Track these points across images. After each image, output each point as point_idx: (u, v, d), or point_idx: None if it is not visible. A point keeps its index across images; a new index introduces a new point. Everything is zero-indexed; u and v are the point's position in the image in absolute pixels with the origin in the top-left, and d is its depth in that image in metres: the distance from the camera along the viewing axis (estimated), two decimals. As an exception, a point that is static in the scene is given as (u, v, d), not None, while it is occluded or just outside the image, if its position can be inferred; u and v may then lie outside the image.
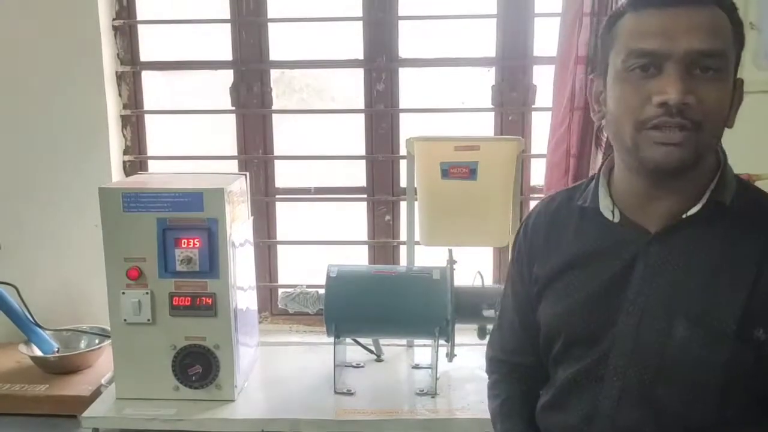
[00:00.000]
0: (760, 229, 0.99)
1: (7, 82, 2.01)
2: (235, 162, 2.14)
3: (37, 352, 1.88)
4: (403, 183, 2.01)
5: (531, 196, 2.08)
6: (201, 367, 1.63)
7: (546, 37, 1.96)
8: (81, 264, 2.04)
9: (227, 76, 2.11)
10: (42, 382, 1.79)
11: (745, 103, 1.01)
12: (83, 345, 1.95)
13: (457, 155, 1.83)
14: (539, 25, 2.01)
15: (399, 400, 1.70)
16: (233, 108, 2.12)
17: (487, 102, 2.07)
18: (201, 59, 2.13)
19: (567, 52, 1.76)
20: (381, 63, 2.05)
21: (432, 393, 1.70)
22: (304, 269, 2.18)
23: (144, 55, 2.11)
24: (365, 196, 2.14)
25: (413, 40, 2.07)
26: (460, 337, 1.73)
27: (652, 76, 0.93)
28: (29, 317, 1.89)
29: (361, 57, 2.06)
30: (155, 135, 2.18)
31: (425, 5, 2.06)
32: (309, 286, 1.84)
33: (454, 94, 2.12)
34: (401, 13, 2.03)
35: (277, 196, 2.17)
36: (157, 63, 2.14)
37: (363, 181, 2.14)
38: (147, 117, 2.15)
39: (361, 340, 1.93)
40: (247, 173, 1.85)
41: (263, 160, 2.13)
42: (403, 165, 1.97)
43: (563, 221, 1.11)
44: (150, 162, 2.17)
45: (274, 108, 2.13)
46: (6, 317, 1.86)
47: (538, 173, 2.06)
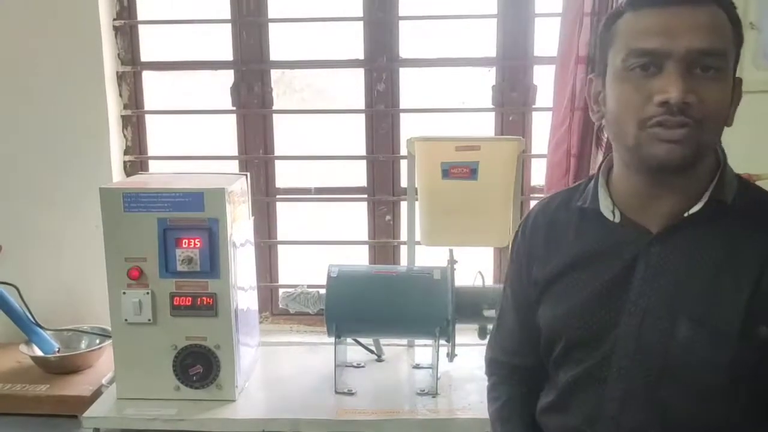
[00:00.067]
0: (762, 228, 0.99)
1: (7, 82, 2.01)
2: (236, 162, 2.14)
3: (38, 352, 1.88)
4: (404, 183, 2.01)
5: (531, 196, 2.08)
6: (202, 367, 1.64)
7: (546, 37, 1.95)
8: (82, 264, 2.03)
9: (228, 76, 2.11)
10: (43, 382, 1.79)
11: (745, 103, 1.01)
12: (84, 345, 1.95)
13: (458, 155, 1.83)
14: (540, 25, 2.01)
15: (400, 400, 1.70)
16: (234, 108, 2.12)
17: (488, 102, 2.07)
18: (201, 59, 2.13)
19: (567, 52, 1.76)
20: (381, 63, 2.05)
21: (433, 393, 1.70)
22: (304, 269, 2.18)
23: (144, 56, 2.11)
24: (366, 196, 2.14)
25: (413, 40, 2.07)
26: (460, 337, 1.73)
27: (652, 75, 0.93)
28: (30, 317, 1.89)
29: (362, 57, 2.06)
30: (156, 135, 2.17)
31: (425, 5, 2.05)
32: (310, 286, 1.84)
33: (454, 94, 2.12)
34: (401, 13, 2.03)
35: (278, 196, 2.17)
36: (158, 63, 2.14)
37: (363, 181, 2.14)
38: (148, 117, 2.15)
39: (362, 340, 1.93)
40: (248, 173, 1.85)
41: (264, 160, 2.13)
42: (404, 165, 1.97)
43: (563, 222, 1.11)
44: (151, 162, 2.17)
45: (274, 108, 2.13)
46: (7, 317, 1.86)
47: (538, 173, 2.06)
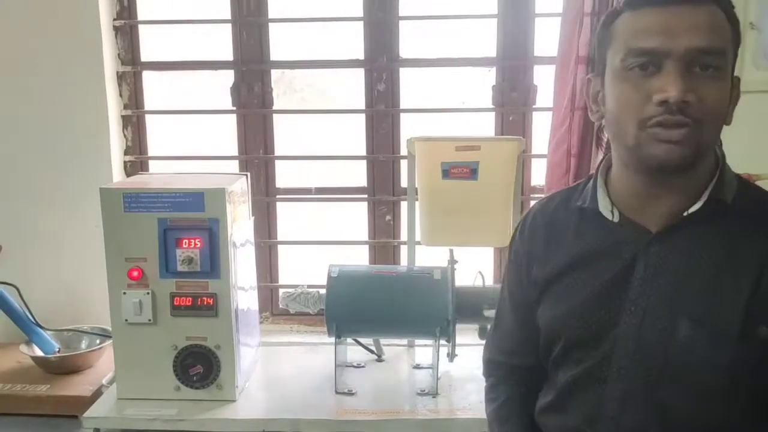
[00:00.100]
0: (761, 228, 0.98)
1: (8, 82, 2.01)
2: (236, 162, 2.14)
3: (38, 352, 1.88)
4: (404, 183, 2.01)
5: (532, 196, 2.08)
6: (202, 367, 1.64)
7: (546, 37, 1.95)
8: (82, 264, 2.03)
9: (228, 76, 2.11)
10: (43, 382, 1.79)
11: (744, 103, 1.01)
12: (84, 345, 1.95)
13: (458, 155, 1.83)
14: (540, 25, 2.01)
15: (400, 400, 1.70)
16: (234, 108, 2.12)
17: (488, 102, 2.07)
18: (202, 59, 2.13)
19: (568, 52, 1.76)
20: (381, 63, 2.05)
21: (433, 393, 1.70)
22: (304, 269, 2.18)
23: (145, 56, 2.11)
24: (366, 196, 2.14)
25: (414, 40, 2.07)
26: (461, 337, 1.72)
27: (651, 74, 0.93)
28: (30, 317, 1.89)
29: (362, 57, 2.06)
30: (156, 135, 2.17)
31: (426, 5, 2.05)
32: (310, 286, 1.84)
33: (454, 94, 2.12)
34: (402, 13, 2.03)
35: (278, 196, 2.17)
36: (158, 63, 2.14)
37: (364, 181, 2.14)
38: (148, 117, 2.15)
39: (362, 340, 1.93)
40: (248, 173, 1.85)
41: (264, 160, 2.13)
42: (404, 165, 1.97)
43: (562, 222, 1.11)
44: (151, 162, 2.17)
45: (274, 108, 2.13)
46: (7, 317, 1.86)
47: (538, 173, 2.06)
